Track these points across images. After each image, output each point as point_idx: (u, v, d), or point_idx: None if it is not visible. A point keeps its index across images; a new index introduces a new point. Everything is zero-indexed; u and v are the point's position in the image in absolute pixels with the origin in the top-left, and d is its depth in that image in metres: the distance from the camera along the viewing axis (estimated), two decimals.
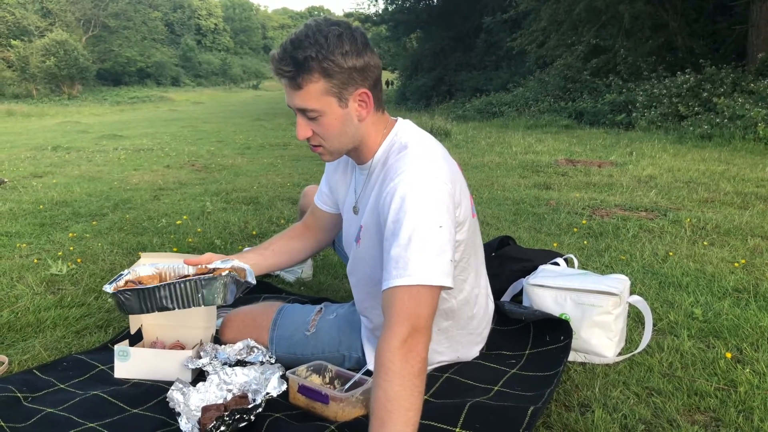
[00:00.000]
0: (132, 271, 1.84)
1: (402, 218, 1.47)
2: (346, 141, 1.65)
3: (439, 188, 1.52)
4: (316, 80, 1.53)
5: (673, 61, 12.91)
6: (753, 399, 1.74)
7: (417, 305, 1.41)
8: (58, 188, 5.55)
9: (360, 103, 1.60)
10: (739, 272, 2.84)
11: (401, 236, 1.46)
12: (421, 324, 1.40)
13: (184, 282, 1.65)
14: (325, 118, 1.59)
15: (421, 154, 1.60)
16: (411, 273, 1.42)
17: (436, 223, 1.47)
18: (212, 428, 1.51)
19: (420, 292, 1.42)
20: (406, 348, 1.37)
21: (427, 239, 1.45)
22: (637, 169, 6.04)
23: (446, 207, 1.52)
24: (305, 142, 1.69)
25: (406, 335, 1.38)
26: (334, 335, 1.96)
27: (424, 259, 1.44)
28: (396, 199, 1.50)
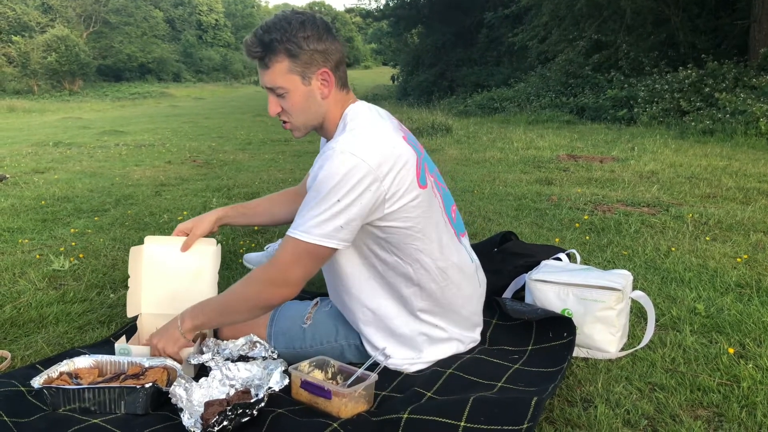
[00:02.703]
0: (69, 362, 1.84)
1: (311, 185, 1.69)
2: (310, 117, 1.83)
3: (351, 164, 1.64)
4: (281, 60, 1.73)
5: (675, 56, 12.88)
6: (756, 394, 1.74)
7: (293, 253, 1.70)
8: (59, 184, 5.55)
9: (322, 82, 1.78)
10: (741, 267, 2.84)
11: (306, 199, 1.70)
12: (288, 269, 1.71)
13: (108, 388, 1.69)
14: (290, 95, 1.78)
15: (351, 132, 1.73)
16: (300, 229, 1.67)
17: (335, 196, 1.64)
18: (215, 423, 1.52)
19: (299, 244, 1.68)
20: (266, 282, 1.75)
21: (322, 206, 1.65)
22: (639, 164, 6.03)
23: (354, 183, 1.65)
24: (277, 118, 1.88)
25: (274, 274, 1.73)
26: (330, 326, 1.98)
27: (313, 221, 1.66)
28: (315, 169, 1.71)
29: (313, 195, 1.67)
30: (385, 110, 1.96)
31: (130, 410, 1.68)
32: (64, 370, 1.80)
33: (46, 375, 1.75)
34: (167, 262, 2.15)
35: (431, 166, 1.94)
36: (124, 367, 1.86)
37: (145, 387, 1.67)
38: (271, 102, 1.82)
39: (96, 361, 1.87)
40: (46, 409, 1.69)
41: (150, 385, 1.68)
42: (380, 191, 1.68)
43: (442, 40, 23.99)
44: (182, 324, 1.86)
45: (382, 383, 1.81)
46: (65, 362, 1.83)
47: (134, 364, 1.85)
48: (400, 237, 1.78)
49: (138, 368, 1.83)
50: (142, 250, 2.14)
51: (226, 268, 3.02)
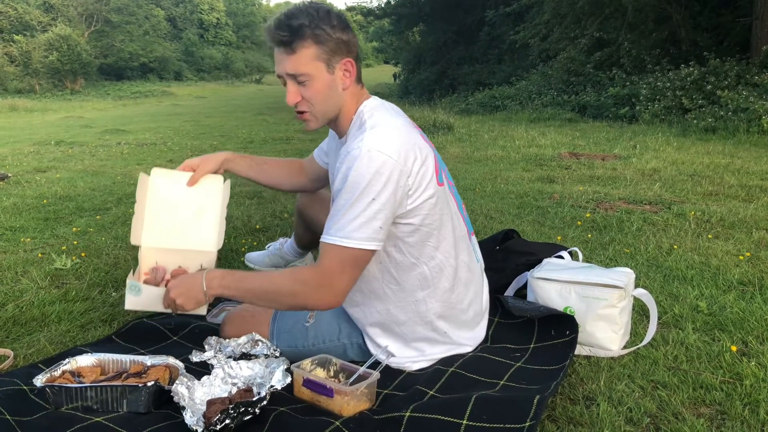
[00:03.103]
0: (71, 361, 1.84)
1: (342, 187, 1.66)
2: (330, 107, 1.80)
3: (380, 162, 1.63)
4: (308, 46, 1.70)
5: (677, 53, 12.85)
6: (759, 392, 1.74)
7: (339, 261, 1.67)
8: (61, 183, 5.56)
9: (345, 72, 1.77)
10: (744, 265, 2.83)
11: (338, 202, 1.67)
12: (334, 277, 1.68)
13: (110, 387, 1.69)
14: (313, 83, 1.74)
15: (374, 129, 1.71)
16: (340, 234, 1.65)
17: (369, 196, 1.63)
18: (217, 421, 1.52)
19: (343, 252, 1.65)
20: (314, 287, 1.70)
21: (358, 208, 1.63)
22: (641, 162, 6.02)
23: (385, 180, 1.64)
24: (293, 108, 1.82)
25: (321, 281, 1.69)
26: (333, 324, 1.98)
27: (351, 225, 1.64)
28: (342, 170, 1.67)
29: (346, 197, 1.65)
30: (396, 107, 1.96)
31: (133, 409, 1.68)
32: (66, 369, 1.81)
33: (48, 373, 1.75)
34: (172, 196, 2.09)
35: (442, 164, 1.95)
36: (126, 366, 1.86)
37: (147, 385, 1.67)
38: (291, 90, 1.76)
39: (98, 360, 1.88)
40: (48, 408, 1.69)
41: (152, 384, 1.68)
42: (407, 185, 1.69)
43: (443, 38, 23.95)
44: (209, 288, 1.79)
45: (384, 381, 1.81)
46: (67, 361, 1.83)
47: (136, 362, 1.85)
48: (418, 235, 1.78)
49: (140, 366, 1.83)
50: (148, 181, 2.08)
51: (227, 266, 3.02)
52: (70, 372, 1.80)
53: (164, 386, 1.72)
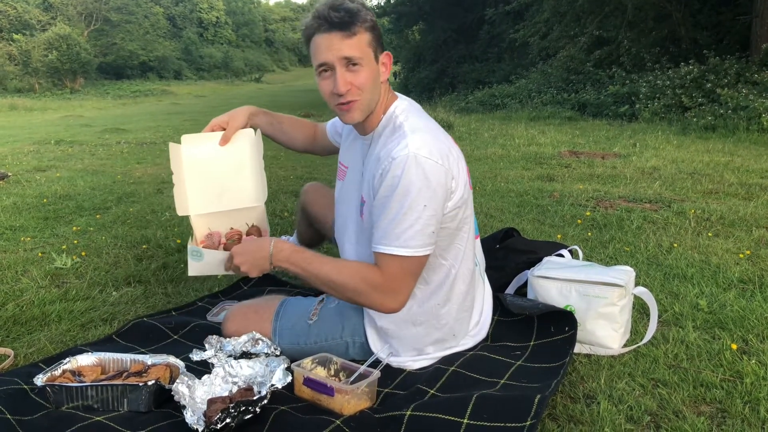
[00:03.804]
0: (72, 360, 1.84)
1: (392, 194, 1.65)
2: (375, 98, 1.78)
3: (429, 168, 1.64)
4: (365, 30, 1.69)
5: (677, 52, 12.85)
6: (759, 390, 1.74)
7: (401, 269, 1.69)
8: (61, 182, 5.55)
9: (383, 65, 1.77)
10: (744, 263, 2.83)
11: (390, 210, 1.66)
12: (396, 285, 1.71)
13: (111, 386, 1.69)
14: (364, 69, 1.71)
15: (415, 134, 1.70)
16: (397, 244, 1.66)
17: (421, 203, 1.63)
18: (217, 420, 1.52)
19: (404, 261, 1.68)
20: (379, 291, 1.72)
21: (412, 216, 1.64)
22: (641, 160, 6.02)
23: (435, 185, 1.65)
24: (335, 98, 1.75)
25: (386, 286, 1.71)
26: (336, 322, 1.98)
27: (408, 233, 1.65)
28: (389, 177, 1.65)
29: (398, 205, 1.64)
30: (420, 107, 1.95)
31: (133, 408, 1.68)
32: (66, 368, 1.81)
33: (49, 373, 1.75)
34: (208, 159, 2.07)
35: None
36: (127, 365, 1.86)
37: (147, 384, 1.67)
38: (342, 75, 1.69)
39: (99, 359, 1.88)
40: (49, 407, 1.69)
41: (153, 383, 1.68)
42: (450, 187, 1.70)
43: (443, 36, 23.94)
44: (276, 260, 1.80)
45: (385, 380, 1.81)
46: (68, 360, 1.83)
47: (137, 361, 1.85)
48: (448, 236, 1.79)
49: (141, 366, 1.83)
50: (180, 150, 2.06)
51: None
52: (70, 371, 1.80)
53: (165, 385, 1.72)
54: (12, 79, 36.74)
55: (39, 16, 42.45)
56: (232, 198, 2.02)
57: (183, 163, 2.06)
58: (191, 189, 2.07)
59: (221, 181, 2.07)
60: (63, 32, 38.71)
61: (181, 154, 2.06)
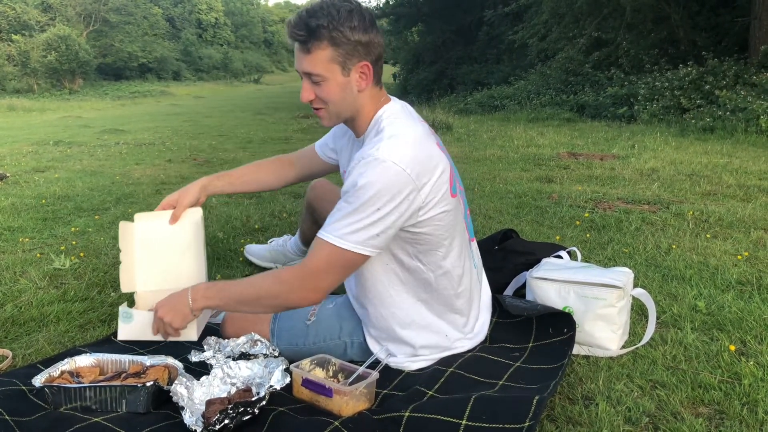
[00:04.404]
0: (70, 361, 1.84)
1: (350, 191, 1.65)
2: (344, 108, 1.79)
3: (392, 173, 1.63)
4: (324, 47, 1.68)
5: (675, 53, 12.86)
6: (757, 391, 1.74)
7: (327, 260, 1.67)
8: (60, 183, 5.55)
9: (361, 75, 1.75)
10: (742, 265, 2.84)
11: (343, 205, 1.67)
12: (319, 276, 1.69)
13: (109, 387, 1.69)
14: (327, 84, 1.73)
15: (391, 139, 1.69)
16: (335, 234, 1.65)
17: (375, 205, 1.62)
18: (216, 422, 1.52)
19: (334, 250, 1.66)
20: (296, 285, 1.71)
21: (361, 215, 1.63)
22: (640, 162, 6.03)
23: (394, 192, 1.63)
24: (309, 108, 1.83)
25: (305, 278, 1.70)
26: (334, 323, 1.98)
27: (349, 228, 1.64)
28: (354, 174, 1.66)
29: (352, 201, 1.64)
30: (414, 111, 1.95)
31: (132, 409, 1.68)
32: (65, 369, 1.81)
33: (47, 374, 1.75)
34: (158, 237, 2.10)
35: (456, 172, 1.93)
36: (125, 366, 1.86)
37: (146, 385, 1.67)
38: (306, 88, 1.76)
39: (97, 360, 1.88)
40: (47, 408, 1.69)
41: (151, 384, 1.68)
42: (417, 200, 1.67)
43: (442, 38, 23.97)
44: (193, 302, 1.81)
45: (384, 381, 1.81)
46: (66, 361, 1.83)
47: (135, 362, 1.85)
48: (428, 244, 1.78)
49: (139, 367, 1.83)
50: (133, 227, 2.09)
51: (226, 267, 3.03)
52: (68, 372, 1.80)
53: (163, 386, 1.72)
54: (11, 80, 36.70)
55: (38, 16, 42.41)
56: (178, 277, 2.05)
57: (135, 240, 2.10)
58: (140, 265, 2.10)
59: (168, 260, 2.10)
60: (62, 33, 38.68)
61: (134, 231, 2.10)
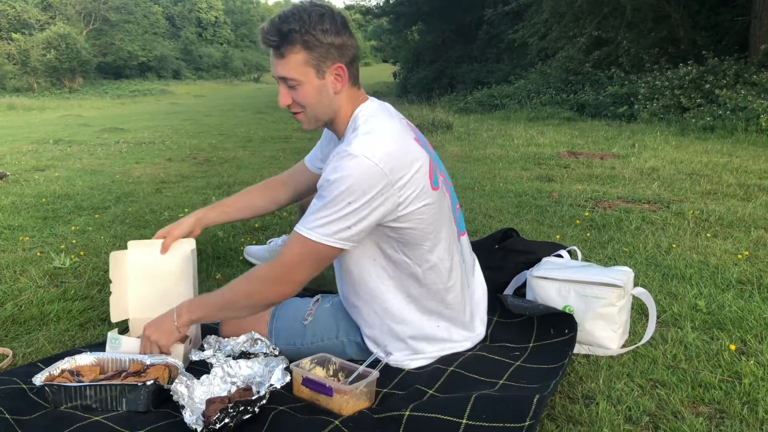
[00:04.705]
0: (71, 360, 1.84)
1: (323, 185, 1.67)
2: (321, 110, 1.81)
3: (365, 168, 1.63)
4: (297, 51, 1.70)
5: (676, 52, 12.85)
6: (757, 391, 1.74)
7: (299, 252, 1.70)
8: (60, 181, 5.55)
9: (336, 77, 1.76)
10: (742, 264, 2.84)
11: (317, 199, 1.69)
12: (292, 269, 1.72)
13: (110, 386, 1.69)
14: (302, 87, 1.75)
15: (366, 135, 1.71)
16: (307, 227, 1.67)
17: (346, 199, 1.64)
18: (216, 420, 1.52)
19: (305, 243, 1.68)
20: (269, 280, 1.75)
21: (333, 208, 1.65)
22: (640, 161, 6.03)
23: (366, 186, 1.64)
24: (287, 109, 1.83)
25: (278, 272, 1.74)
26: (331, 323, 1.98)
27: (320, 221, 1.66)
28: (328, 169, 1.68)
29: (324, 195, 1.66)
30: (394, 108, 1.96)
31: (132, 407, 1.68)
32: (65, 368, 1.81)
33: (47, 372, 1.75)
34: (151, 265, 2.14)
35: (440, 165, 1.95)
36: (126, 365, 1.86)
37: (146, 384, 1.67)
38: (282, 93, 1.78)
39: (97, 359, 1.88)
40: (47, 407, 1.69)
41: (151, 383, 1.68)
42: (393, 196, 1.67)
43: (442, 37, 23.95)
44: (178, 318, 1.85)
45: (384, 380, 1.81)
46: (67, 359, 1.83)
47: (136, 361, 1.85)
48: (412, 238, 1.78)
49: (139, 365, 1.83)
50: (125, 256, 2.12)
51: (227, 266, 3.03)
52: (69, 371, 1.80)
53: (163, 385, 1.72)
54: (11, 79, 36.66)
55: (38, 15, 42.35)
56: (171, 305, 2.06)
57: (128, 267, 2.13)
58: (133, 292, 2.14)
59: (160, 287, 2.12)
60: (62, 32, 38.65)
61: (126, 258, 2.13)
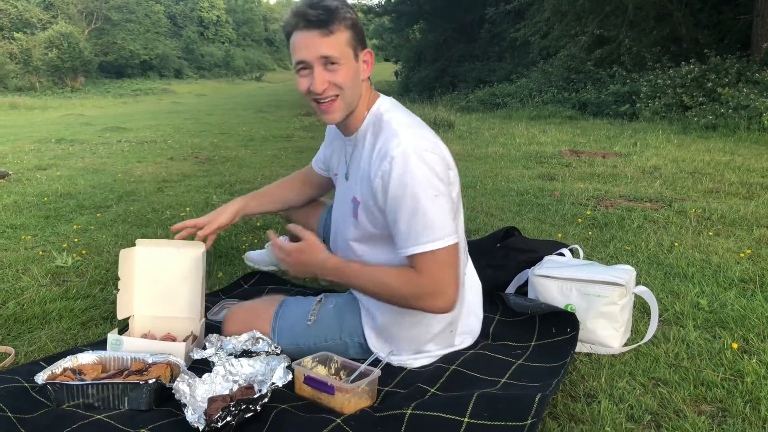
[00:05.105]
0: (73, 358, 1.84)
1: (403, 194, 1.64)
2: (356, 96, 1.76)
3: (427, 159, 1.65)
4: (344, 29, 1.66)
5: (678, 51, 12.83)
6: (760, 389, 1.74)
7: (439, 268, 1.65)
8: (62, 180, 5.56)
9: (365, 63, 1.75)
10: (744, 262, 2.83)
11: (405, 209, 1.64)
12: (443, 284, 1.66)
13: (112, 384, 1.70)
14: (343, 69, 1.68)
15: (406, 129, 1.71)
16: (424, 240, 1.63)
17: (432, 193, 1.64)
18: (218, 419, 1.52)
19: (436, 256, 1.64)
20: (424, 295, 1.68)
21: (427, 209, 1.63)
22: (642, 159, 6.02)
23: (439, 175, 1.67)
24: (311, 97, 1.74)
25: (430, 288, 1.67)
26: (334, 323, 1.98)
27: (432, 228, 1.63)
28: (394, 176, 1.64)
29: (411, 202, 1.63)
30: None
31: (134, 406, 1.69)
32: (67, 366, 1.81)
33: (49, 371, 1.75)
34: (159, 264, 2.14)
35: None
36: (128, 363, 1.86)
37: (148, 383, 1.68)
38: (320, 74, 1.67)
39: (99, 357, 1.88)
40: (49, 405, 1.70)
41: (153, 381, 1.68)
42: (448, 175, 1.72)
43: (443, 35, 23.93)
44: (325, 273, 1.82)
45: (386, 379, 1.81)
46: (69, 358, 1.84)
47: (137, 359, 1.85)
48: None
49: (141, 364, 1.83)
50: (134, 253, 2.13)
51: (228, 264, 3.03)
52: (71, 369, 1.80)
53: (165, 383, 1.72)
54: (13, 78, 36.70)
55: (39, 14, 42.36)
56: (175, 307, 2.09)
57: (136, 267, 2.13)
58: (139, 289, 2.14)
59: (166, 287, 2.13)
60: (64, 31, 38.67)
61: (135, 256, 2.13)
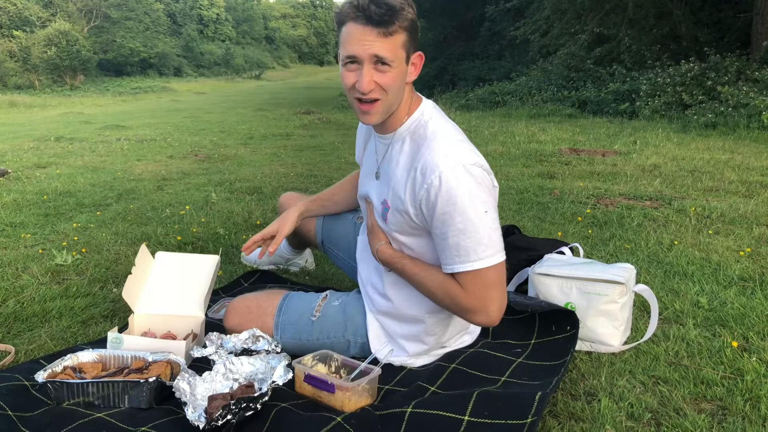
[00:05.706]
0: (73, 357, 1.85)
1: (453, 210, 1.59)
2: (398, 99, 1.70)
3: (476, 174, 1.61)
4: (402, 31, 1.60)
5: (677, 49, 12.83)
6: (759, 387, 1.74)
7: (484, 286, 1.62)
8: (61, 179, 5.55)
9: (413, 66, 1.70)
10: (744, 261, 2.83)
11: (454, 225, 1.60)
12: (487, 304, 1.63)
13: (112, 383, 1.70)
14: (392, 71, 1.62)
15: (453, 143, 1.67)
16: (474, 258, 1.60)
17: (482, 209, 1.60)
18: (218, 417, 1.52)
19: (486, 274, 1.61)
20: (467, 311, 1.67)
21: (477, 226, 1.59)
22: (641, 158, 6.02)
23: (486, 189, 1.63)
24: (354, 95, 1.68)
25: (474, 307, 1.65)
26: (339, 321, 1.98)
27: (481, 245, 1.59)
28: (443, 191, 1.59)
29: (461, 219, 1.59)
30: None
31: (134, 404, 1.69)
32: (67, 365, 1.81)
33: (49, 369, 1.75)
34: (173, 270, 2.22)
35: None
36: (128, 362, 1.86)
37: (148, 381, 1.68)
38: (369, 74, 1.60)
39: (99, 356, 1.88)
40: (50, 403, 1.70)
41: (153, 379, 1.68)
42: (494, 188, 1.70)
43: (443, 33, 23.91)
44: (380, 255, 1.82)
45: (386, 377, 1.81)
46: (69, 356, 1.84)
47: (138, 358, 1.85)
48: None
49: (141, 362, 1.83)
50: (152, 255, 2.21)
51: (228, 262, 3.03)
52: (71, 368, 1.80)
53: (166, 382, 1.72)
54: (12, 76, 36.65)
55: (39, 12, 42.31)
56: (178, 305, 2.13)
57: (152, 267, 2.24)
58: (147, 290, 2.20)
59: (173, 288, 2.19)
60: (63, 29, 38.62)
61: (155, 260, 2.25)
